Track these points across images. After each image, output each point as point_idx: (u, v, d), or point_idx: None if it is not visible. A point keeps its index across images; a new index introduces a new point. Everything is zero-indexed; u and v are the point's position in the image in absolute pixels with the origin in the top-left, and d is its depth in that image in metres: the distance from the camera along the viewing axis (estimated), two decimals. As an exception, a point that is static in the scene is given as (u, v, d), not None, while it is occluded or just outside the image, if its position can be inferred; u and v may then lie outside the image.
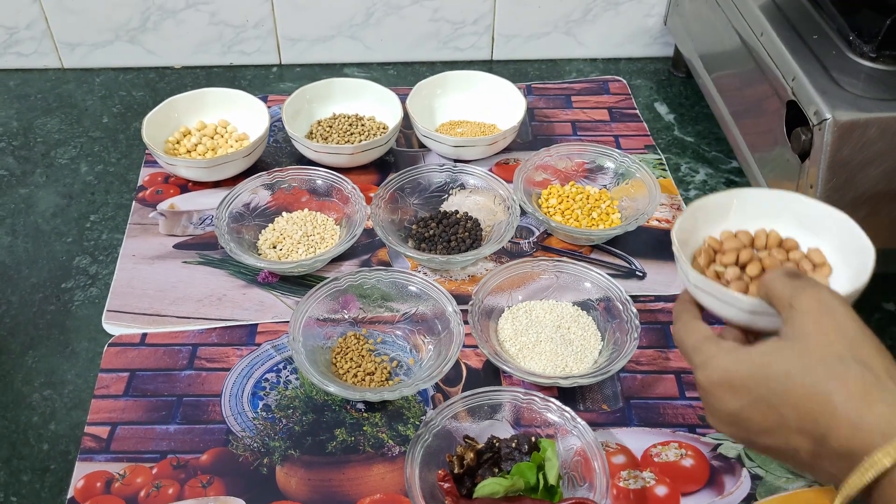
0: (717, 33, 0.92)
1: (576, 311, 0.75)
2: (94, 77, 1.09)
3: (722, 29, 0.90)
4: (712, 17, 0.93)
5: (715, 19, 0.92)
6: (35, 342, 0.75)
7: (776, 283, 0.48)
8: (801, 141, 0.70)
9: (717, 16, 0.91)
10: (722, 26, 0.89)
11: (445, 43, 1.11)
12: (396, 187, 0.85)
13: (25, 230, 0.87)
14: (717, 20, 0.91)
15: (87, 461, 0.65)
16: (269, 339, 0.75)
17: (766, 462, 0.66)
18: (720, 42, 0.91)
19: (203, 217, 0.87)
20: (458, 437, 0.64)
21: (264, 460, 0.66)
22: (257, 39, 1.09)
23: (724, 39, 0.89)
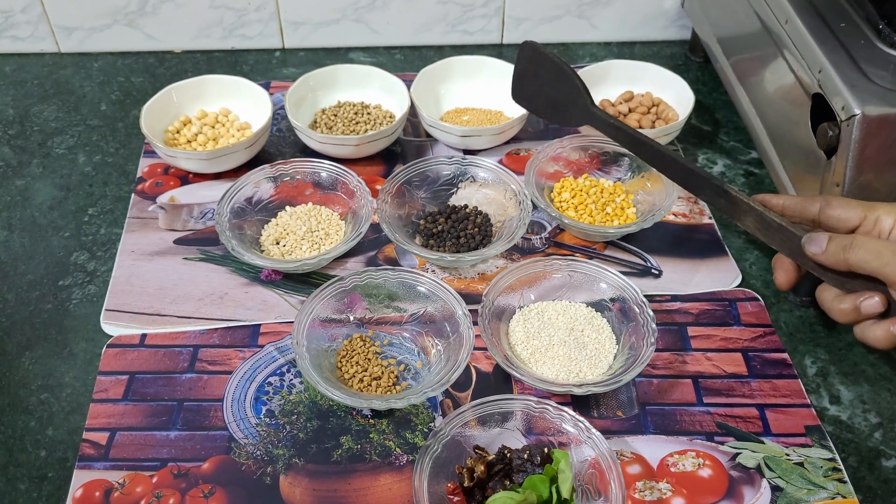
0: (737, 17, 0.88)
1: (590, 313, 0.73)
2: (92, 62, 1.06)
3: (742, 13, 0.86)
4: (732, 1, 0.89)
5: (735, 2, 0.88)
6: (32, 343, 0.73)
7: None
8: (827, 137, 0.67)
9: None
10: (742, 10, 0.86)
11: (454, 26, 1.07)
12: (403, 180, 0.82)
13: (22, 224, 0.84)
14: (737, 3, 0.87)
15: (85, 469, 0.64)
16: (273, 341, 0.72)
17: (787, 473, 0.63)
18: (740, 26, 0.88)
19: (204, 211, 0.84)
20: (467, 447, 0.62)
21: (268, 469, 0.64)
22: (259, 23, 1.06)
23: (745, 24, 0.86)
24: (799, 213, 0.64)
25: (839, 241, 0.59)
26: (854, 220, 0.61)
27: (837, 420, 0.68)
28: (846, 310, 0.60)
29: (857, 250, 0.58)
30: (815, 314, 0.75)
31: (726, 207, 0.66)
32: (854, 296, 0.60)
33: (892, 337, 0.58)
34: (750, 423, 0.67)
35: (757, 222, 0.64)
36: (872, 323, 0.60)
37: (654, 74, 0.95)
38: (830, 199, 0.63)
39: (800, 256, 0.63)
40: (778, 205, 0.65)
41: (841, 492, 0.62)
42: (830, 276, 0.62)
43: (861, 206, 0.62)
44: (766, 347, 0.72)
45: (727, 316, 0.75)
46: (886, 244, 0.58)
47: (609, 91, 0.96)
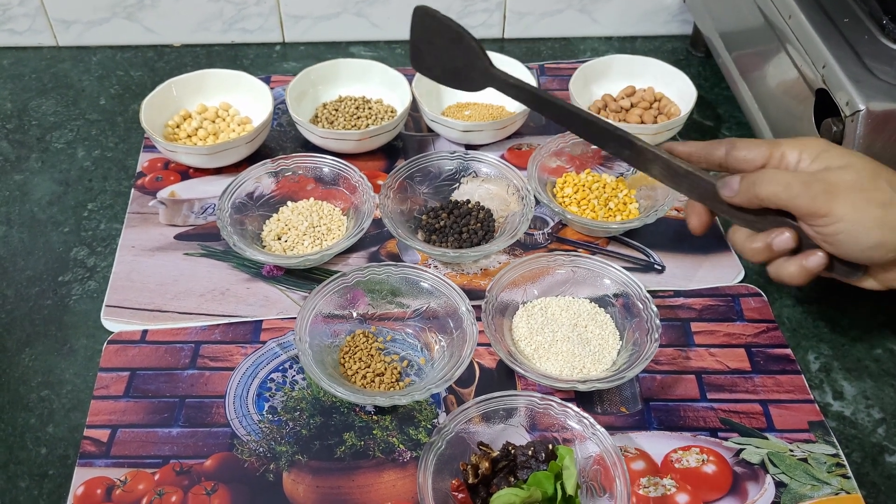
0: (739, 12, 0.88)
1: (593, 309, 0.72)
2: (91, 56, 1.05)
3: (745, 8, 0.85)
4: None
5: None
6: (32, 339, 0.72)
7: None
8: (831, 132, 0.67)
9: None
10: (745, 5, 0.85)
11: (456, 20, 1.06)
12: (405, 176, 0.81)
13: (21, 219, 0.84)
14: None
15: (86, 466, 0.63)
16: (275, 337, 0.72)
17: (791, 469, 0.63)
18: (743, 21, 0.87)
19: (205, 206, 0.84)
20: (471, 444, 0.62)
21: (270, 466, 0.63)
22: (259, 17, 1.05)
23: (748, 19, 0.85)
24: (705, 158, 0.63)
25: (749, 178, 0.59)
26: (759, 159, 0.61)
27: (841, 416, 0.67)
28: (759, 248, 0.60)
29: (767, 184, 0.58)
30: (818, 309, 0.75)
31: (632, 158, 0.65)
32: (765, 234, 0.60)
33: (805, 272, 0.59)
34: (753, 418, 0.67)
35: (664, 170, 0.64)
36: (785, 260, 0.60)
37: (655, 69, 0.95)
38: (735, 141, 0.62)
39: (710, 200, 0.62)
40: (684, 151, 0.64)
41: (845, 487, 0.62)
42: (742, 217, 0.61)
43: (765, 143, 0.61)
44: (769, 343, 0.72)
45: (730, 311, 0.75)
46: (795, 175, 0.57)
47: (611, 86, 0.96)
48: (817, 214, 0.56)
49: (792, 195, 0.57)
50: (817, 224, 0.56)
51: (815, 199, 0.56)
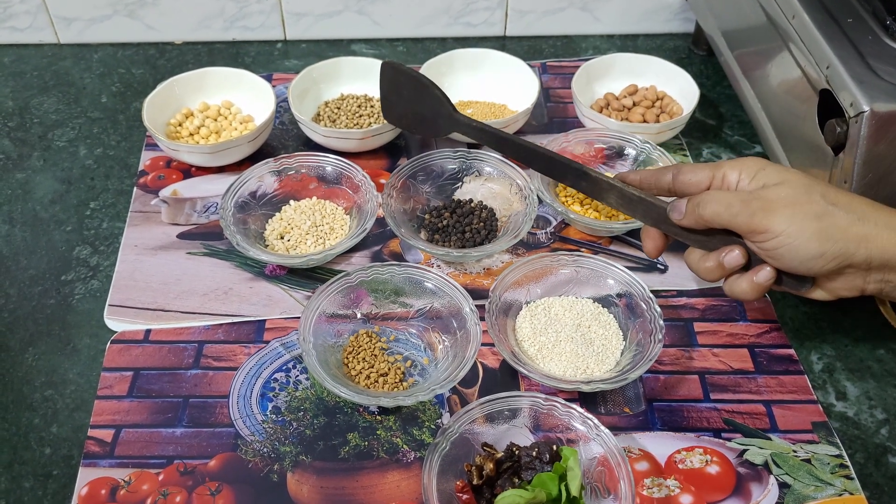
0: (742, 11, 0.87)
1: (596, 309, 0.72)
2: (92, 53, 1.05)
3: (748, 7, 0.85)
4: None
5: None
6: (35, 339, 0.72)
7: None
8: (835, 133, 0.67)
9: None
10: (748, 4, 0.85)
11: (457, 18, 1.07)
12: (408, 175, 0.81)
13: (23, 218, 0.83)
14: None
15: (90, 466, 0.63)
16: (278, 336, 0.72)
17: (794, 469, 0.63)
18: (745, 20, 0.87)
19: (207, 205, 0.84)
20: (475, 444, 0.62)
21: (275, 466, 0.63)
22: (261, 14, 1.05)
23: (750, 17, 0.85)
24: (655, 184, 0.66)
25: (694, 200, 0.62)
26: (704, 181, 0.63)
27: (844, 416, 0.68)
28: (711, 267, 0.62)
29: (709, 205, 0.60)
30: (822, 310, 0.75)
31: (589, 189, 0.69)
32: (716, 253, 0.62)
33: (756, 287, 0.61)
34: (757, 419, 0.67)
35: (619, 198, 0.67)
36: (738, 277, 0.62)
37: (658, 68, 0.95)
38: (680, 167, 0.65)
39: (663, 224, 0.66)
40: (635, 179, 0.67)
41: (848, 488, 0.62)
42: (693, 238, 0.64)
43: (708, 167, 0.64)
44: (772, 343, 0.72)
45: (733, 312, 0.75)
46: (734, 195, 0.60)
47: (613, 85, 0.96)
48: (757, 231, 0.58)
49: (732, 214, 0.59)
50: (758, 240, 0.59)
51: (753, 216, 0.58)
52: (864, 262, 0.57)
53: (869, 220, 0.57)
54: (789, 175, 0.60)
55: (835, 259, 0.57)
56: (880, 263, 0.57)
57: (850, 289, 0.60)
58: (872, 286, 0.59)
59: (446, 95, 0.76)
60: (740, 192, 0.60)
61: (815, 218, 0.57)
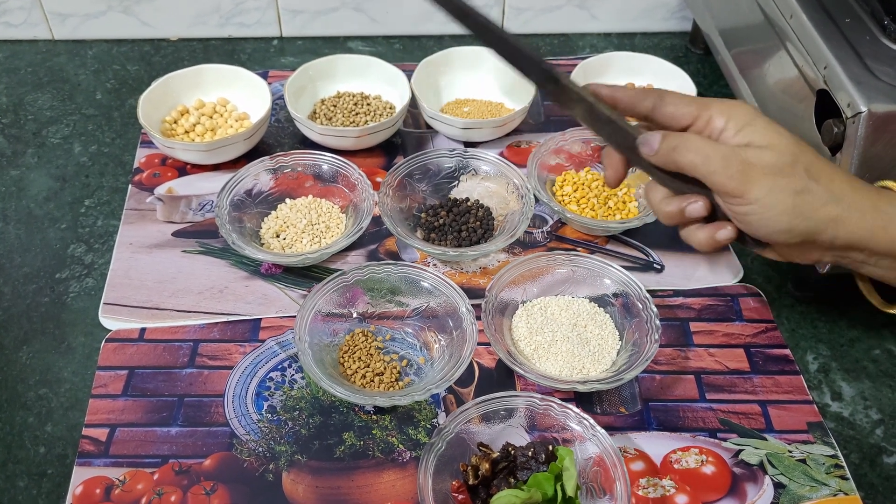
0: (739, 10, 0.87)
1: (592, 308, 0.72)
2: (87, 49, 1.05)
3: (745, 6, 0.85)
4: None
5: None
6: (29, 337, 0.72)
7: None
8: (832, 134, 0.67)
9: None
10: (745, 3, 0.85)
11: (453, 16, 1.06)
12: (405, 173, 0.81)
13: (17, 215, 0.83)
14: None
15: (85, 466, 0.63)
16: (274, 336, 0.72)
17: (789, 470, 0.63)
18: (743, 19, 0.87)
19: (202, 203, 0.84)
20: (471, 444, 0.62)
21: (270, 466, 0.63)
22: (257, 11, 1.04)
23: (748, 17, 0.85)
24: (631, 107, 0.60)
25: (670, 142, 0.57)
26: (686, 118, 0.58)
27: (839, 416, 0.68)
28: (672, 212, 0.59)
29: (687, 153, 0.56)
30: (817, 310, 0.75)
31: (556, 95, 0.60)
32: (680, 199, 0.59)
33: (714, 242, 0.58)
34: (752, 419, 0.67)
35: (586, 112, 0.60)
36: (698, 227, 0.59)
37: (655, 66, 0.94)
38: (665, 94, 0.59)
39: (628, 151, 0.60)
40: (609, 96, 0.60)
41: (843, 488, 0.63)
42: (660, 176, 0.59)
43: (695, 102, 0.58)
44: (768, 343, 0.72)
45: (729, 311, 0.75)
46: (716, 148, 0.55)
47: (610, 83, 0.95)
48: (732, 194, 0.55)
49: (710, 170, 0.55)
50: (731, 202, 0.56)
51: (731, 178, 0.55)
52: (828, 241, 0.56)
53: (844, 202, 0.55)
54: (777, 138, 0.56)
55: (801, 235, 0.56)
56: (844, 244, 0.56)
57: (806, 258, 0.58)
58: (829, 258, 0.58)
59: None
60: (722, 147, 0.56)
61: (794, 193, 0.54)
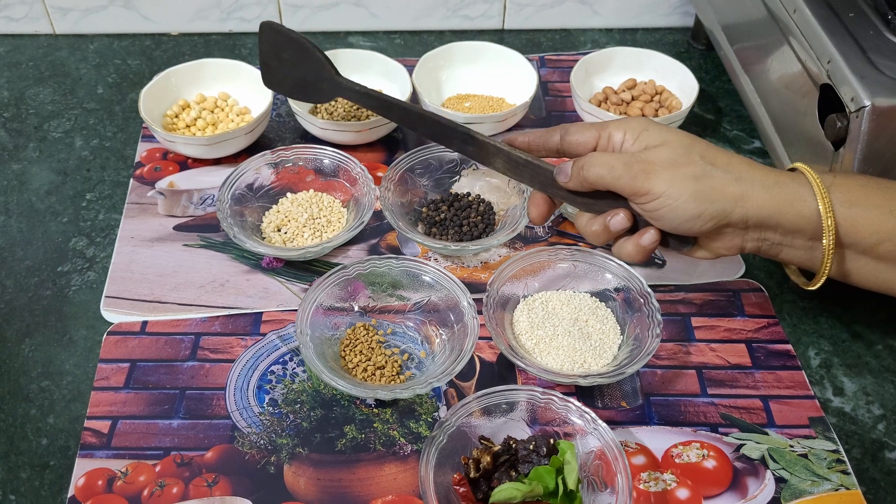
0: (742, 5, 0.87)
1: (594, 303, 0.72)
2: (88, 44, 1.04)
3: (748, 0, 0.85)
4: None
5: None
6: (31, 330, 0.72)
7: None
8: (836, 128, 0.67)
9: (744, -12, 0.86)
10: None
11: (455, 11, 1.06)
12: (406, 168, 0.81)
13: (19, 209, 0.83)
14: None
15: (87, 457, 0.63)
16: (275, 329, 0.72)
17: (791, 464, 0.63)
18: (746, 14, 0.87)
19: (204, 197, 0.84)
20: (472, 437, 0.62)
21: (271, 458, 0.63)
22: (258, 6, 1.04)
23: (751, 12, 0.85)
24: (544, 146, 0.65)
25: (578, 164, 0.61)
26: (590, 142, 0.63)
27: (841, 412, 0.68)
28: (598, 231, 0.62)
29: (592, 167, 0.60)
30: (819, 305, 0.75)
31: (476, 153, 0.66)
32: (603, 216, 0.62)
33: (642, 249, 0.61)
34: (754, 414, 0.67)
35: (506, 162, 0.65)
36: (625, 239, 0.62)
37: (657, 62, 0.94)
38: (568, 127, 0.64)
39: (550, 188, 0.64)
40: (524, 142, 0.66)
41: (844, 483, 0.63)
42: (581, 202, 0.63)
43: (594, 126, 0.63)
44: (769, 338, 0.72)
45: (731, 306, 0.75)
46: (617, 157, 0.60)
47: (612, 79, 0.95)
48: (639, 192, 0.58)
49: (615, 176, 0.59)
50: (641, 201, 0.59)
51: (635, 179, 0.58)
52: (740, 220, 0.58)
53: (745, 180, 0.58)
54: (670, 136, 0.60)
55: (713, 219, 0.58)
56: (756, 222, 0.58)
57: (729, 248, 0.60)
58: (751, 244, 0.60)
59: (328, 58, 0.73)
60: (623, 155, 0.60)
61: (694, 179, 0.57)
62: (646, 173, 0.58)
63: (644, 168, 0.58)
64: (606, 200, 0.62)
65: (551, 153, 0.65)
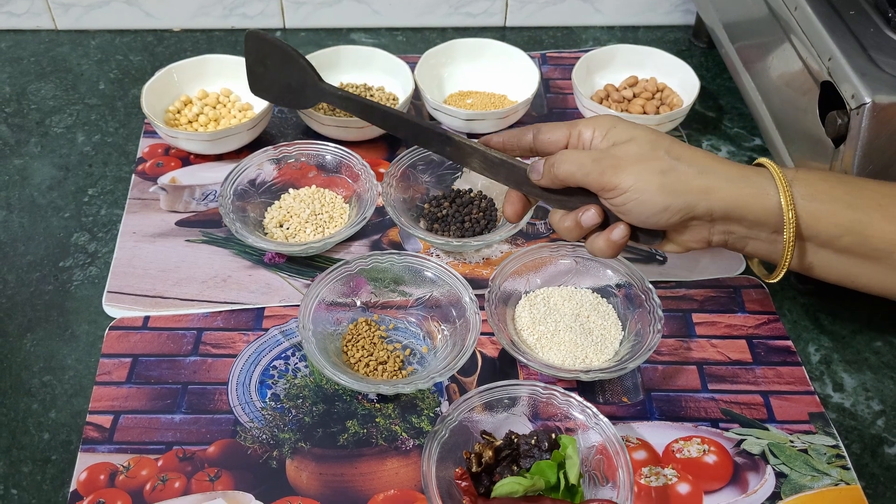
0: (743, 2, 0.87)
1: (595, 299, 0.73)
2: (90, 40, 1.05)
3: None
4: (739, -13, 0.88)
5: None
6: (33, 324, 0.72)
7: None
8: (836, 125, 0.67)
9: (745, -15, 0.86)
10: (749, -4, 0.85)
11: (457, 8, 1.06)
12: (408, 164, 0.81)
13: (21, 204, 0.83)
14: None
15: (89, 452, 0.63)
16: (277, 324, 0.72)
17: (791, 459, 0.64)
18: (747, 12, 0.87)
19: (206, 192, 0.84)
20: (474, 432, 0.62)
21: (274, 453, 0.63)
22: (260, 2, 1.04)
23: (752, 9, 0.85)
24: (517, 145, 0.66)
25: (549, 161, 0.62)
26: (562, 140, 0.64)
27: (841, 407, 0.68)
28: (570, 227, 0.63)
29: (562, 164, 0.61)
30: (819, 302, 0.76)
31: (454, 154, 0.68)
32: (574, 212, 0.63)
33: (612, 244, 0.62)
34: (754, 409, 0.67)
35: (482, 162, 0.66)
36: (596, 235, 0.63)
37: (658, 60, 0.95)
38: (540, 126, 0.65)
39: (525, 186, 0.65)
40: (498, 142, 0.67)
41: (844, 478, 0.63)
42: (554, 199, 0.64)
43: (565, 125, 0.64)
44: (770, 335, 0.72)
45: (732, 303, 0.75)
46: (586, 154, 0.61)
47: (613, 76, 0.96)
48: (607, 188, 0.59)
49: (585, 173, 0.60)
50: (609, 196, 0.60)
51: (603, 174, 0.59)
52: (706, 213, 0.59)
53: (710, 173, 0.59)
54: (637, 132, 0.61)
55: (679, 212, 0.59)
56: (722, 214, 0.59)
57: (697, 241, 0.61)
58: (717, 237, 0.61)
59: (311, 65, 0.75)
60: (592, 151, 0.61)
61: (660, 173, 0.58)
62: (613, 168, 0.59)
63: (612, 163, 0.59)
64: (578, 197, 0.63)
65: (525, 152, 0.67)
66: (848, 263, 0.60)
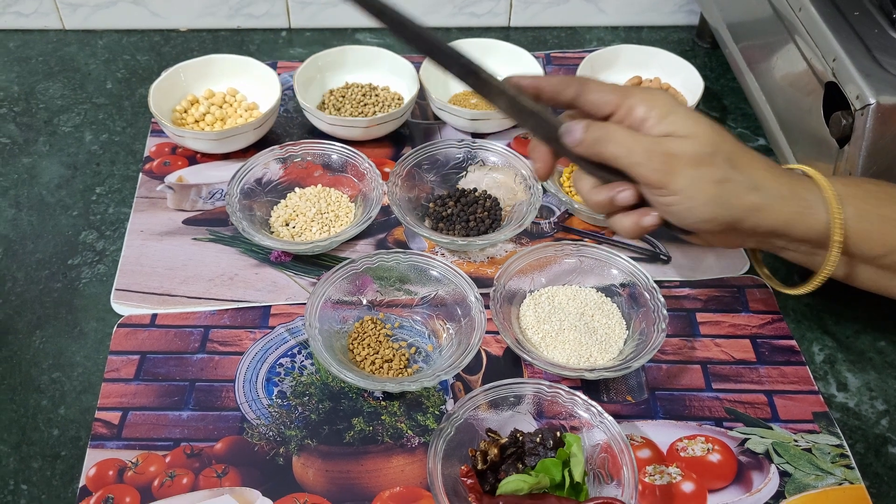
0: (747, 3, 0.88)
1: (599, 298, 0.73)
2: (97, 39, 1.05)
3: (754, 0, 0.86)
4: (744, -13, 0.89)
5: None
6: (42, 322, 0.73)
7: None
8: (840, 125, 0.67)
9: (750, -14, 0.87)
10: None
11: (461, 8, 1.07)
12: (413, 163, 0.82)
13: (30, 202, 0.84)
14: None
15: (98, 448, 0.64)
16: (283, 322, 0.73)
17: (795, 459, 0.64)
18: (751, 12, 0.87)
19: (212, 191, 0.84)
20: (479, 430, 0.62)
21: (280, 450, 0.64)
22: (266, 2, 1.05)
23: (756, 10, 0.85)
24: (554, 96, 0.60)
25: (593, 133, 0.57)
26: (608, 106, 0.58)
27: (845, 407, 0.68)
28: (602, 201, 0.60)
29: (610, 144, 0.57)
30: (823, 302, 0.76)
31: (477, 87, 0.59)
32: (609, 187, 0.59)
33: (640, 228, 0.59)
34: (758, 409, 0.67)
35: (509, 105, 0.60)
36: (624, 214, 0.60)
37: (662, 60, 0.95)
38: (587, 82, 0.60)
39: (553, 143, 0.60)
40: (532, 86, 0.60)
41: (848, 478, 0.63)
42: (585, 165, 0.60)
43: (617, 91, 0.59)
44: (774, 334, 0.73)
45: (735, 302, 0.75)
46: (638, 140, 0.56)
47: (617, 76, 0.96)
48: (655, 185, 0.56)
49: (633, 161, 0.56)
50: (654, 193, 0.57)
51: (654, 171, 0.56)
52: (750, 229, 0.57)
53: (763, 190, 0.56)
54: (698, 128, 0.56)
55: (724, 224, 0.57)
56: (767, 231, 0.57)
57: (728, 244, 0.60)
58: (752, 243, 0.60)
59: None
60: (644, 139, 0.56)
61: (715, 183, 0.55)
62: (666, 166, 0.55)
63: (665, 160, 0.55)
64: (611, 170, 0.59)
65: (562, 105, 0.61)
66: (887, 277, 0.59)
